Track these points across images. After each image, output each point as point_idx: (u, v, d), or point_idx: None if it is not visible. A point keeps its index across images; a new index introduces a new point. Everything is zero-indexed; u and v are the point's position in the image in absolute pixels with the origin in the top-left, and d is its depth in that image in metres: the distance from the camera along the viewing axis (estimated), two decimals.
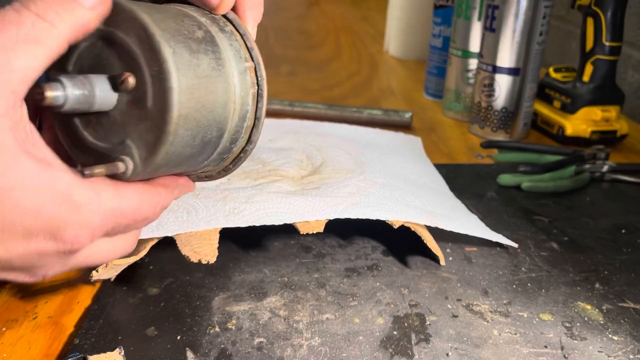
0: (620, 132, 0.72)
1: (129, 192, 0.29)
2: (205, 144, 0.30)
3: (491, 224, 0.51)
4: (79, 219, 0.27)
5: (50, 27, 0.25)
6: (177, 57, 0.27)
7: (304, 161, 0.55)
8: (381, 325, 0.39)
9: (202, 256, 0.40)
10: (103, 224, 0.28)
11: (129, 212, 0.29)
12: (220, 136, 0.31)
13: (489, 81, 0.72)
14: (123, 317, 0.38)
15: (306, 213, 0.43)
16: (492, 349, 0.37)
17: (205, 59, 0.29)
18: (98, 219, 0.27)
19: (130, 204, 0.29)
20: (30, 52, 0.24)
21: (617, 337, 0.38)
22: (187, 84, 0.28)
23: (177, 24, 0.29)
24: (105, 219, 0.28)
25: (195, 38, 0.29)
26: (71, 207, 0.26)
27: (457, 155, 0.69)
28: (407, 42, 1.16)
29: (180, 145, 0.29)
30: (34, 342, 0.36)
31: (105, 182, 0.28)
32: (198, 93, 0.28)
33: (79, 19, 0.26)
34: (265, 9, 0.36)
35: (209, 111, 0.29)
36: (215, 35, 0.30)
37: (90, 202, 0.27)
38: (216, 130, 0.30)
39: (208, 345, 0.36)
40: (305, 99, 0.85)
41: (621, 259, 0.48)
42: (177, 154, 0.29)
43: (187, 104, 0.28)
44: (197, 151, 0.30)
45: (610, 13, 0.68)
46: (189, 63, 0.28)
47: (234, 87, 0.30)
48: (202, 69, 0.29)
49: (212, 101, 0.29)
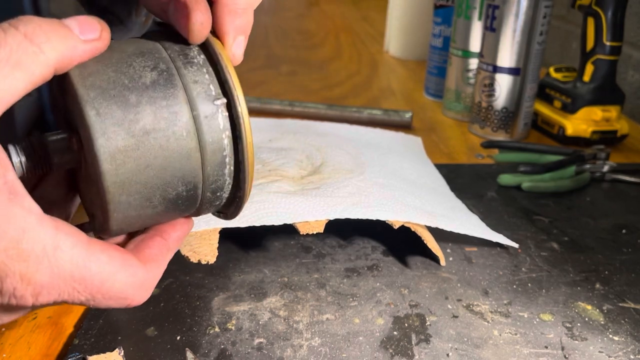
0: (620, 132, 0.72)
1: (101, 257, 0.24)
2: (173, 200, 0.27)
3: (491, 224, 0.51)
4: (22, 271, 0.22)
5: (37, 52, 0.23)
6: (104, 117, 0.24)
7: (303, 161, 0.55)
8: (381, 326, 0.38)
9: (202, 256, 0.40)
10: (53, 286, 0.23)
11: (96, 282, 0.24)
12: (193, 189, 0.27)
13: (489, 81, 0.72)
14: (123, 317, 0.38)
15: (306, 213, 0.43)
16: (493, 350, 0.37)
17: (149, 110, 0.25)
18: (47, 277, 0.23)
19: (99, 272, 0.24)
20: (9, 74, 0.22)
21: (618, 338, 0.38)
22: (118, 146, 0.24)
23: (119, 72, 0.25)
24: (57, 281, 0.23)
25: (140, 85, 0.25)
26: (16, 253, 0.22)
27: (457, 155, 0.69)
28: (407, 42, 1.16)
29: (134, 209, 0.26)
30: (33, 342, 0.36)
31: (75, 235, 0.24)
32: (136, 153, 0.25)
33: (69, 50, 0.24)
34: (265, 9, 0.34)
35: (159, 169, 0.26)
36: (176, 73, 0.27)
37: (42, 254, 0.22)
38: (182, 184, 0.27)
39: (208, 346, 0.36)
40: (305, 99, 0.85)
41: (621, 259, 0.48)
42: (136, 216, 0.26)
43: (122, 168, 0.25)
44: (165, 208, 0.27)
45: (611, 13, 0.68)
46: (121, 121, 0.24)
47: (196, 135, 0.26)
48: (142, 124, 0.25)
49: (162, 157, 0.26)
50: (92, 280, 0.24)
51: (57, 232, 0.23)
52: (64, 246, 0.23)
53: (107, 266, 0.24)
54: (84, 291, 0.24)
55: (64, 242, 0.23)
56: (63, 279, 0.23)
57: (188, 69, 0.27)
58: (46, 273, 0.23)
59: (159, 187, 0.26)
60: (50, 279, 0.23)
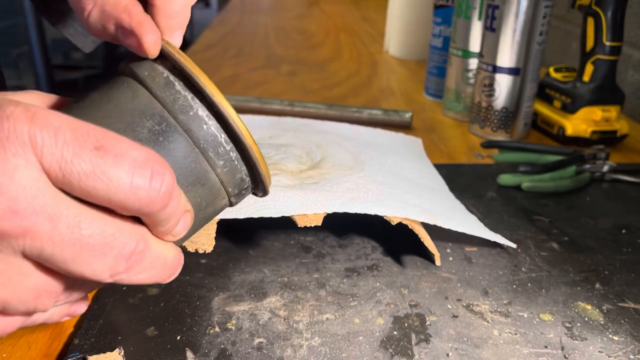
0: (620, 132, 0.72)
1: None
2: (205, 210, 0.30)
3: (491, 224, 0.51)
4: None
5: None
6: None
7: (303, 157, 0.55)
8: (381, 326, 0.38)
9: (199, 246, 0.39)
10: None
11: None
12: (212, 186, 0.30)
13: (489, 81, 0.72)
14: (123, 317, 0.38)
15: (304, 207, 0.43)
16: (493, 349, 0.37)
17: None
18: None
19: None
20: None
21: (618, 337, 0.38)
22: None
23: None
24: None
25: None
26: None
27: (457, 155, 0.69)
28: (407, 42, 1.16)
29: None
30: (33, 342, 0.36)
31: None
32: None
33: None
34: (265, 9, 0.35)
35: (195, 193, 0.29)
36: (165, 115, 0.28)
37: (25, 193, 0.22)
38: (206, 191, 0.30)
39: (208, 346, 0.36)
40: (305, 99, 0.85)
41: (621, 259, 0.48)
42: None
43: None
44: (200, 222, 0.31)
45: (611, 13, 0.68)
46: None
47: (191, 141, 0.28)
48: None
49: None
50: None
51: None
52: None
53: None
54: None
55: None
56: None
57: (165, 94, 0.28)
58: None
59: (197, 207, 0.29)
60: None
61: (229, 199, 0.31)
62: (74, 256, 0.24)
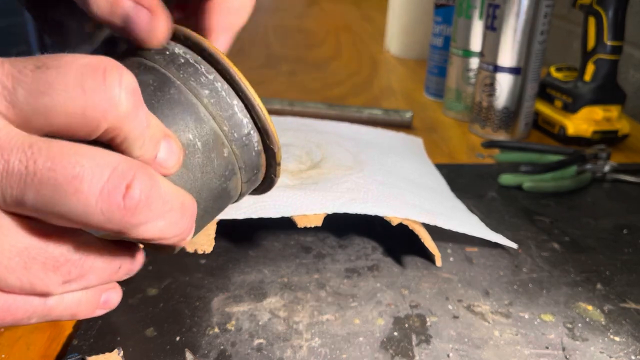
0: (621, 132, 0.72)
1: None
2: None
3: (492, 224, 0.51)
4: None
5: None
6: None
7: (303, 157, 0.55)
8: (382, 326, 0.38)
9: (199, 246, 0.39)
10: None
11: None
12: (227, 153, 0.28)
13: (490, 81, 0.72)
14: (122, 317, 0.38)
15: (304, 207, 0.43)
16: (493, 350, 0.37)
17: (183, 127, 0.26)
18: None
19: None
20: None
21: (619, 338, 0.38)
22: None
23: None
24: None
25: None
26: None
27: (458, 155, 0.69)
28: (407, 42, 1.16)
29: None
30: (32, 343, 0.36)
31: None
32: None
33: None
34: (265, 8, 0.34)
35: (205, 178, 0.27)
36: (175, 83, 0.27)
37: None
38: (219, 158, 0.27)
39: (207, 346, 0.36)
40: (305, 99, 0.84)
41: (623, 259, 0.47)
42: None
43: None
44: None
45: (612, 12, 0.68)
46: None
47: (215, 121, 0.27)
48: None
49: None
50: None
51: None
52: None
53: None
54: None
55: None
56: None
57: (184, 75, 0.26)
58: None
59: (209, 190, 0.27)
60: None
61: (231, 146, 0.28)
62: (53, 191, 0.20)
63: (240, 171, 0.29)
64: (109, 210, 0.21)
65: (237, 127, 0.28)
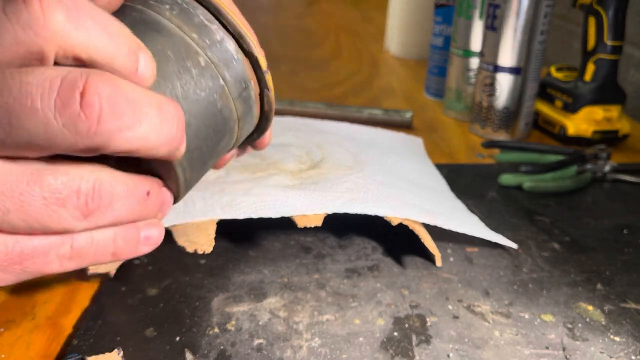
0: (622, 132, 0.72)
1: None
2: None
3: (492, 224, 0.51)
4: None
5: None
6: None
7: (303, 157, 0.55)
8: (382, 327, 0.38)
9: (198, 246, 0.39)
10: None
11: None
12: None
13: (490, 80, 0.72)
14: (122, 318, 0.38)
15: (304, 207, 0.43)
16: (494, 350, 0.37)
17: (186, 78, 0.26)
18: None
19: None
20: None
21: (619, 338, 0.38)
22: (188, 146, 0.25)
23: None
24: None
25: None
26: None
27: (458, 155, 0.69)
28: (407, 41, 1.16)
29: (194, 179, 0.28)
30: (32, 342, 0.36)
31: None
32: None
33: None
34: (265, 8, 0.34)
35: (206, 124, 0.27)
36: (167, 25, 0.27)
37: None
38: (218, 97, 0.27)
39: (207, 347, 0.36)
40: (305, 99, 0.84)
41: (623, 260, 0.47)
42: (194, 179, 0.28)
43: (189, 160, 0.26)
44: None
45: (612, 12, 0.68)
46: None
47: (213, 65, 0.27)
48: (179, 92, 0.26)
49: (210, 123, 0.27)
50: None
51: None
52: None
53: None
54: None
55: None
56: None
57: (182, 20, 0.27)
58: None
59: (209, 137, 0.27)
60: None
61: (205, 54, 0.27)
62: (9, 117, 0.19)
63: (227, 84, 0.28)
64: (71, 124, 0.19)
65: (206, 34, 0.27)
